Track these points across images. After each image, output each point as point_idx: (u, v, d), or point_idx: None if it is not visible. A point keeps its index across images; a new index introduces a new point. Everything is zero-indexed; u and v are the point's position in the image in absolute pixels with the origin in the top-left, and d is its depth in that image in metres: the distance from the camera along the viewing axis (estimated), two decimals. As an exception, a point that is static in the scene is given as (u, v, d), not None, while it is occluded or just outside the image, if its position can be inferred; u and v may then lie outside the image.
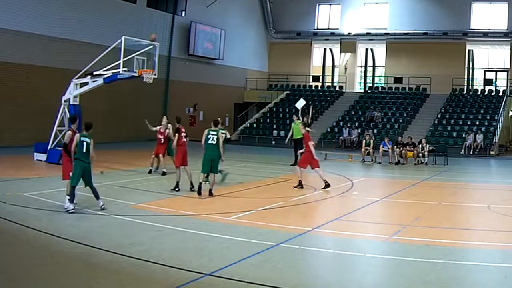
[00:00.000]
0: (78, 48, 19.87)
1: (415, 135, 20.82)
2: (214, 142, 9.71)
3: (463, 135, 22.88)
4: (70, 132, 8.55)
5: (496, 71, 29.38)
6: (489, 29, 27.78)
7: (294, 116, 17.02)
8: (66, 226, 7.18)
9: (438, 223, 8.16)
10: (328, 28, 31.74)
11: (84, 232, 6.85)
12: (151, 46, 14.45)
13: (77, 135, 8.27)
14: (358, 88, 32.07)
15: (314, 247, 6.66)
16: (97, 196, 8.27)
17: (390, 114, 26.64)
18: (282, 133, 26.41)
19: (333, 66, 33.51)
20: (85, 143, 8.13)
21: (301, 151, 11.69)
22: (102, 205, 8.22)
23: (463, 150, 21.86)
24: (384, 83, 30.60)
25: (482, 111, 25.28)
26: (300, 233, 7.15)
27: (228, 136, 11.68)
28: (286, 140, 16.79)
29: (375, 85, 31.70)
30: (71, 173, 8.23)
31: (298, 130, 15.99)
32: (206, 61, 28.62)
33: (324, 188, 11.02)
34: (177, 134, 10.71)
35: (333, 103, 29.16)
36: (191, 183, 10.33)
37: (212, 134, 9.75)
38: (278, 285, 5.03)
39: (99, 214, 7.96)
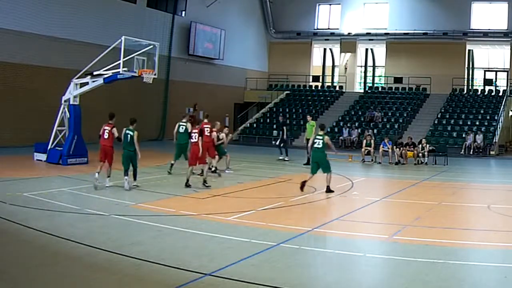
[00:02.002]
0: (78, 48, 19.86)
1: (415, 135, 20.82)
2: (320, 146, 10.63)
3: (463, 135, 22.88)
4: (115, 128, 10.66)
5: (496, 71, 29.39)
6: (489, 29, 27.78)
7: (308, 116, 17.24)
8: (66, 226, 7.17)
9: (438, 223, 8.15)
10: (328, 28, 31.75)
11: (84, 232, 6.84)
12: (151, 46, 14.44)
13: (124, 129, 10.46)
14: (358, 88, 32.08)
15: (314, 247, 6.67)
16: (134, 177, 10.39)
17: (390, 114, 26.64)
18: (282, 133, 26.39)
19: (333, 66, 33.51)
20: (129, 135, 10.31)
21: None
22: (134, 184, 10.35)
23: (463, 150, 21.86)
24: (384, 83, 30.60)
25: (482, 111, 25.27)
26: (300, 233, 7.15)
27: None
28: (304, 140, 16.88)
29: (375, 85, 31.71)
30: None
31: (311, 130, 16.23)
32: (206, 61, 28.62)
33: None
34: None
35: (333, 103, 29.17)
36: (187, 181, 10.73)
37: (318, 139, 10.69)
38: (278, 285, 5.02)
39: (99, 214, 7.96)
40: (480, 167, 18.36)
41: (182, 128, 12.62)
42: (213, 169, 13.09)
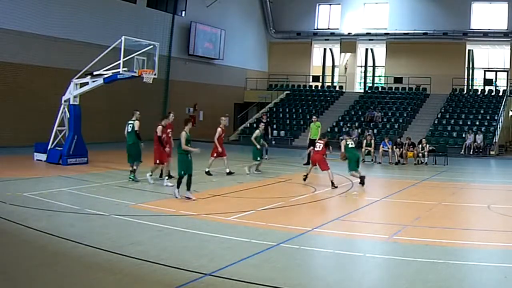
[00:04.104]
0: (78, 48, 19.89)
1: (415, 135, 20.85)
2: (354, 146, 12.08)
3: (463, 135, 22.91)
4: (161, 126, 11.24)
5: (496, 71, 29.41)
6: (489, 29, 27.81)
7: (314, 117, 17.34)
8: (66, 226, 7.19)
9: (438, 223, 8.16)
10: (328, 28, 31.79)
11: (84, 232, 6.85)
12: (151, 46, 14.44)
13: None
14: (358, 88, 32.11)
15: (314, 247, 6.67)
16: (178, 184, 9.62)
17: (390, 114, 26.66)
18: (282, 133, 26.47)
19: (333, 66, 33.54)
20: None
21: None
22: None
23: (463, 150, 21.90)
24: (384, 83, 30.64)
25: (482, 111, 25.31)
26: (300, 233, 7.15)
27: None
28: (308, 140, 16.89)
29: (375, 85, 31.73)
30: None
31: (316, 131, 16.27)
32: (206, 61, 28.65)
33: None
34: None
35: (333, 103, 29.20)
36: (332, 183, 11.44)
37: (351, 142, 12.08)
38: (278, 285, 5.03)
39: (99, 214, 7.97)
40: (480, 167, 18.36)
41: (130, 127, 11.47)
42: (227, 171, 13.03)
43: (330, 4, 31.78)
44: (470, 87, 28.96)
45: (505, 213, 9.08)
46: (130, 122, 11.63)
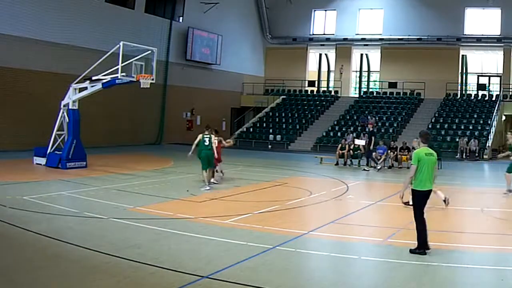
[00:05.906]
0: (77, 53, 19.97)
1: (409, 139, 20.95)
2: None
3: (457, 140, 23.15)
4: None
5: (489, 76, 29.73)
6: (482, 35, 28.14)
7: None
8: (65, 229, 7.26)
9: (432, 226, 8.16)
10: (324, 34, 32.04)
11: (83, 235, 6.93)
12: (149, 51, 14.57)
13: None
14: (353, 93, 32.33)
15: (310, 250, 6.77)
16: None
17: (384, 118, 26.87)
18: (278, 137, 26.61)
19: (329, 71, 33.78)
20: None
21: None
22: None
23: (459, 154, 22.17)
24: (379, 88, 30.89)
25: (475, 116, 25.57)
26: (296, 236, 7.24)
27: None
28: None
29: (370, 90, 31.97)
30: None
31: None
32: (203, 66, 28.79)
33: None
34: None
35: (329, 108, 29.38)
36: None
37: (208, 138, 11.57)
38: None
39: (98, 217, 8.05)
40: (473, 171, 18.54)
41: (207, 140, 11.73)
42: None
43: (325, 10, 32.06)
44: (463, 92, 29.24)
45: (498, 216, 9.22)
46: (206, 136, 11.63)
